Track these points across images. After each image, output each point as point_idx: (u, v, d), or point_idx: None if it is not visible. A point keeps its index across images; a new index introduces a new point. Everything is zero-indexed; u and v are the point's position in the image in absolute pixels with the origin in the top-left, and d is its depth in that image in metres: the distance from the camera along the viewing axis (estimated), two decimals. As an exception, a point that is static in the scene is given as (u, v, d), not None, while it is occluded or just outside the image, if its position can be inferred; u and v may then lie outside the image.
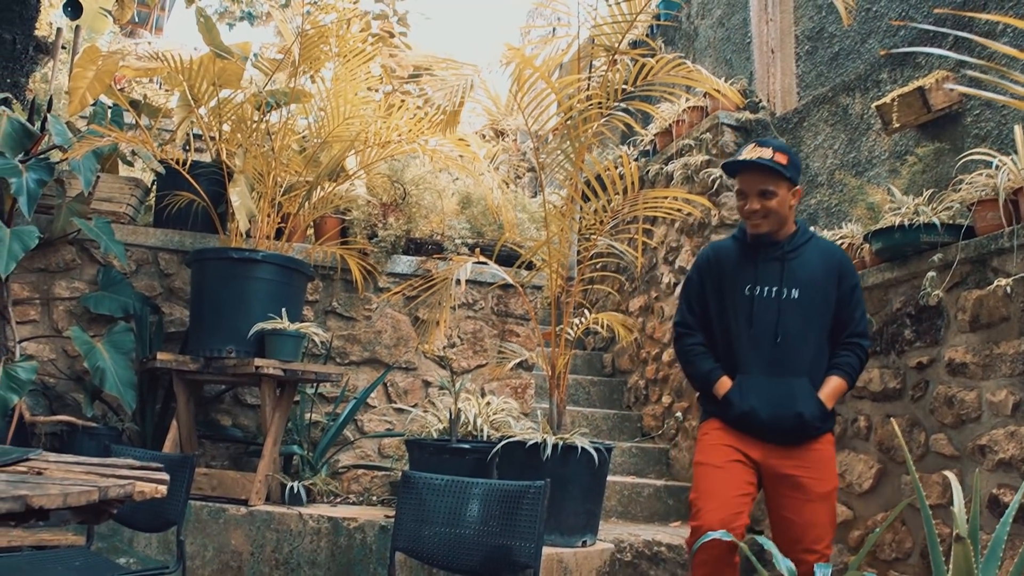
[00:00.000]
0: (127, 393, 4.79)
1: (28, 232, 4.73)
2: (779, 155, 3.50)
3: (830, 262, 3.60)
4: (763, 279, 3.57)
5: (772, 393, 3.48)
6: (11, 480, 2.01)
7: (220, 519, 4.55)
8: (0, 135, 4.83)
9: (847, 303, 3.57)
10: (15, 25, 6.60)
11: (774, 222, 3.55)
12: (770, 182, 3.50)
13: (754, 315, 3.55)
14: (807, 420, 3.44)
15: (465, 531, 3.31)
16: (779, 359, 3.50)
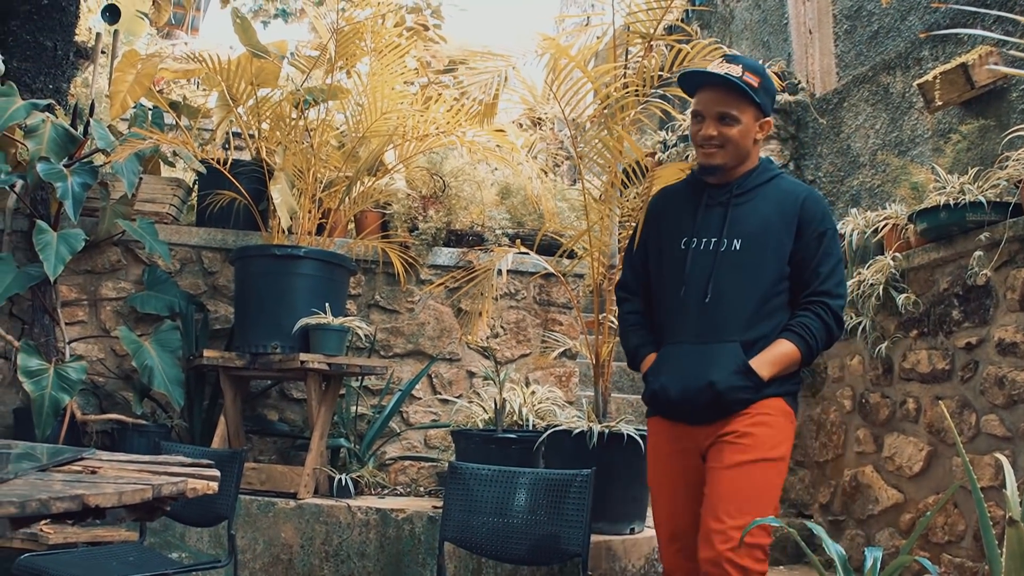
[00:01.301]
0: (175, 391, 4.86)
1: (74, 235, 4.80)
2: (750, 75, 2.82)
3: (788, 206, 2.87)
4: (702, 229, 2.92)
5: (689, 363, 2.83)
6: (67, 480, 2.05)
7: (270, 513, 4.60)
8: (45, 141, 4.91)
9: (810, 254, 2.84)
10: (55, 32, 6.69)
11: (731, 155, 2.88)
12: (733, 104, 2.83)
13: (686, 273, 2.90)
14: (721, 392, 2.74)
15: (513, 520, 3.33)
16: (709, 323, 2.83)
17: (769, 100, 2.91)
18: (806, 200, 2.88)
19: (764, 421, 2.77)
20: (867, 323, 4.65)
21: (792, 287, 2.88)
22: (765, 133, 2.95)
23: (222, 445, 4.89)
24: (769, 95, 2.91)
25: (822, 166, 5.96)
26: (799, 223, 2.85)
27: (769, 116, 2.93)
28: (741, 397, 2.76)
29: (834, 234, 2.88)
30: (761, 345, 2.80)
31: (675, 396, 2.82)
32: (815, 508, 5.08)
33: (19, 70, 6.18)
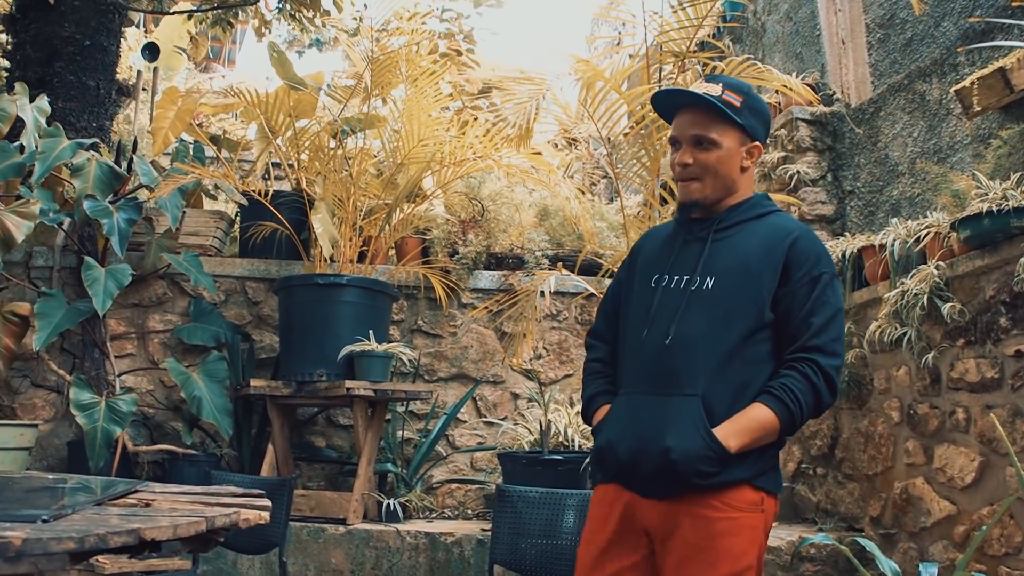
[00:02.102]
0: (223, 420, 4.92)
1: (121, 270, 4.90)
2: (731, 93, 2.42)
3: (776, 243, 2.39)
4: (676, 265, 2.47)
5: (643, 419, 2.32)
6: (123, 513, 2.08)
7: (320, 539, 4.64)
8: (91, 179, 5.01)
9: (799, 302, 2.33)
10: (98, 71, 6.83)
11: (711, 185, 2.43)
12: (710, 126, 2.40)
13: (651, 313, 2.43)
14: (675, 461, 2.20)
15: (562, 542, 3.33)
16: (668, 371, 2.33)
17: (758, 122, 2.47)
18: (798, 239, 2.38)
19: (729, 529, 2.22)
20: (912, 333, 4.61)
21: (776, 339, 2.35)
22: (755, 160, 2.48)
23: (271, 472, 4.93)
24: (757, 116, 2.47)
25: (860, 176, 5.92)
26: (786, 264, 2.36)
27: (759, 140, 2.47)
28: (701, 470, 2.20)
29: (832, 281, 2.37)
30: (728, 404, 2.27)
31: (623, 456, 2.31)
32: (865, 522, 5.02)
33: (64, 110, 6.31)
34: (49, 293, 5.01)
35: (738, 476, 2.23)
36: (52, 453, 5.32)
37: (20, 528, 1.74)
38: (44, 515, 1.85)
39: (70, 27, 6.71)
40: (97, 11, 6.81)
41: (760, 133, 2.48)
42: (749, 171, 2.49)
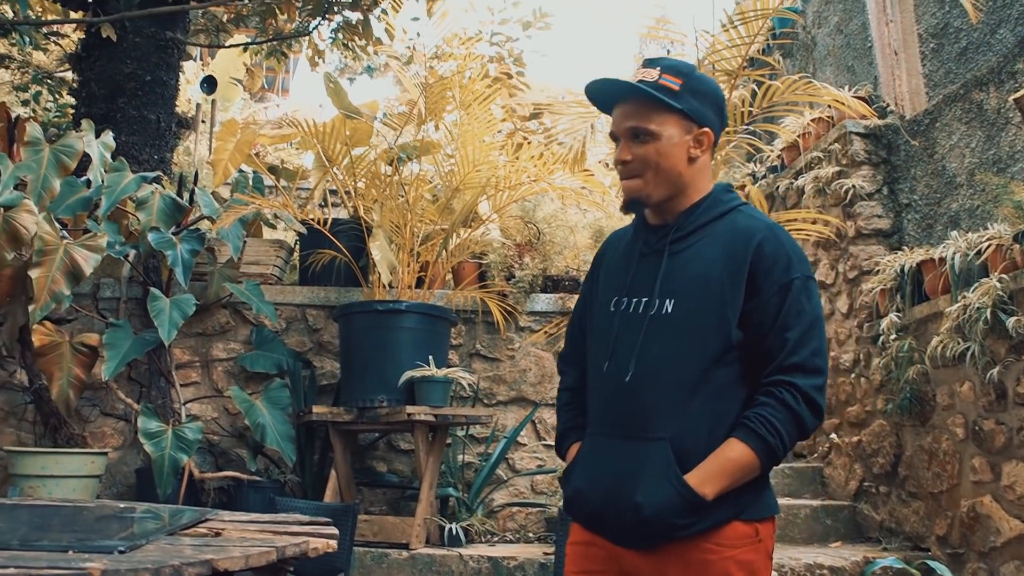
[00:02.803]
0: (287, 447, 5.00)
1: (186, 300, 5.01)
2: (669, 76, 2.12)
3: (739, 248, 2.08)
4: (634, 285, 2.18)
5: (610, 467, 2.11)
6: (196, 544, 2.12)
7: (383, 563, 4.68)
8: (155, 211, 5.14)
9: (770, 315, 2.03)
10: (158, 105, 7.02)
11: (654, 182, 2.13)
12: (649, 116, 2.11)
13: (612, 343, 2.17)
14: (647, 518, 1.98)
15: None
16: (632, 411, 2.09)
17: (705, 105, 2.15)
18: (762, 243, 2.07)
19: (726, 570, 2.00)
20: (976, 348, 4.54)
21: (747, 359, 2.07)
22: (707, 148, 2.15)
23: (334, 498, 4.99)
24: (704, 98, 2.15)
25: (917, 189, 5.86)
26: (751, 272, 2.05)
27: (708, 126, 2.14)
28: (677, 523, 1.98)
29: (806, 285, 2.06)
30: (705, 440, 2.03)
31: (593, 508, 2.12)
32: (932, 541, 4.94)
33: (127, 143, 6.49)
34: (117, 324, 5.14)
35: (723, 516, 2.01)
36: (121, 480, 5.44)
37: (98, 559, 1.78)
38: (120, 546, 1.89)
39: (132, 64, 6.90)
40: (157, 47, 7.00)
41: (709, 117, 2.15)
42: (702, 162, 2.15)
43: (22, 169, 5.06)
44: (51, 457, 4.86)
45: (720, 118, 2.19)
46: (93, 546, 1.91)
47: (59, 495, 4.74)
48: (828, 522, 5.60)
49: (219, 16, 8.42)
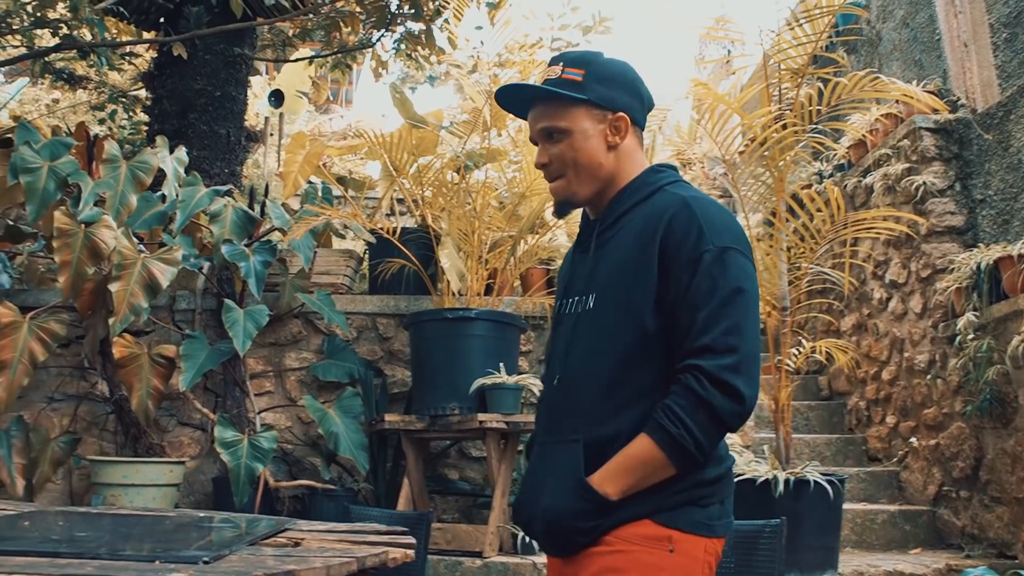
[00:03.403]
0: (360, 455, 5.05)
1: (259, 311, 5.10)
2: (572, 69, 2.02)
3: (651, 231, 1.91)
4: (571, 286, 2.10)
5: (533, 472, 2.07)
6: (277, 554, 2.15)
7: (457, 572, 4.69)
8: (227, 224, 5.24)
9: (681, 293, 1.85)
10: (228, 120, 7.16)
11: (579, 179, 2.03)
12: (557, 115, 2.02)
13: (553, 347, 2.14)
14: (551, 521, 1.92)
15: None
16: (556, 415, 2.01)
17: (615, 89, 2.03)
18: (673, 216, 1.88)
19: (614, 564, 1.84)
20: (1059, 347, 4.44)
21: (669, 347, 1.88)
22: (625, 133, 2.02)
23: (407, 506, 5.02)
24: (611, 83, 2.04)
25: (992, 184, 5.73)
26: (662, 251, 1.88)
27: (622, 110, 2.02)
28: (578, 527, 1.87)
29: (722, 257, 1.85)
30: (620, 444, 1.87)
31: (523, 519, 2.05)
32: (1019, 548, 4.82)
33: (198, 158, 6.63)
34: (192, 335, 5.24)
35: (630, 514, 1.85)
36: (199, 489, 5.54)
37: (184, 569, 1.81)
38: (205, 556, 1.92)
39: (202, 80, 7.05)
40: (226, 63, 7.15)
41: (621, 100, 2.03)
42: (625, 147, 2.04)
43: (101, 186, 5.19)
44: (132, 466, 4.97)
45: (637, 98, 2.07)
46: (178, 556, 1.95)
47: (140, 503, 4.84)
48: (907, 528, 5.50)
49: (285, 31, 8.56)
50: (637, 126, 2.06)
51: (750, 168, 4.55)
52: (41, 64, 7.61)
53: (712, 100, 4.31)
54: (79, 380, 5.65)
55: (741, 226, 1.91)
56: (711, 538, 1.85)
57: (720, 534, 1.87)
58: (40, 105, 11.40)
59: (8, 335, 4.90)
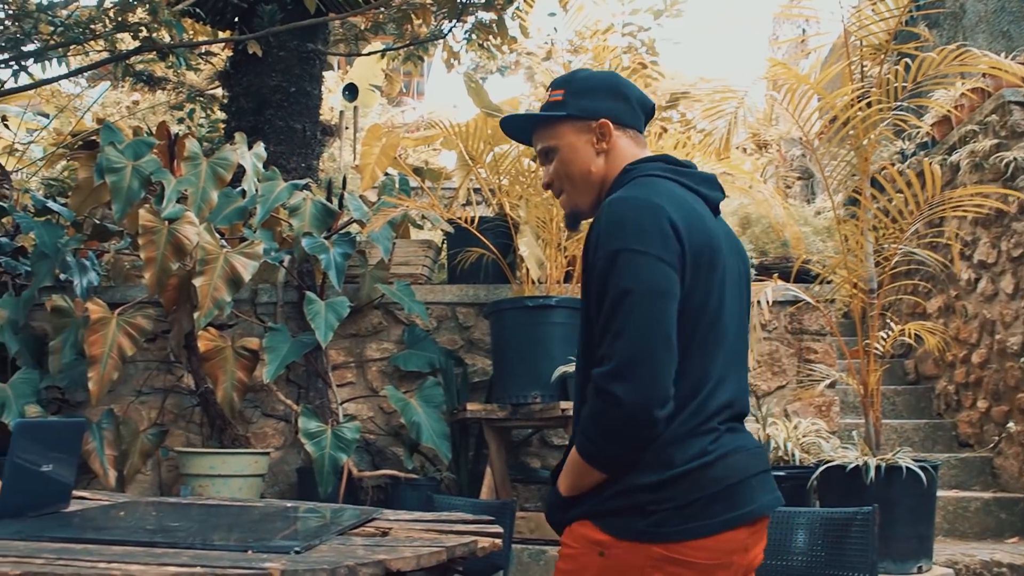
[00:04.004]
0: (442, 444, 5.06)
1: (340, 303, 5.15)
2: (554, 92, 2.13)
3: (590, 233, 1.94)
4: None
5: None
6: (367, 544, 2.14)
7: (541, 560, 4.68)
8: (307, 217, 5.29)
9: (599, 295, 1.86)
10: (303, 115, 7.23)
11: (576, 191, 2.11)
12: (546, 136, 2.12)
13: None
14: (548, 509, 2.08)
15: (791, 562, 3.23)
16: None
17: (593, 99, 2.09)
18: (594, 222, 1.93)
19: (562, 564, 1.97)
20: None
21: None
22: (609, 138, 2.07)
23: (490, 495, 5.02)
24: (589, 94, 2.09)
25: (1089, 160, 5.52)
26: (589, 249, 1.91)
27: (602, 116, 2.06)
28: (552, 519, 2.04)
29: (615, 260, 1.82)
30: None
31: None
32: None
33: (275, 153, 6.69)
34: (275, 328, 5.31)
35: (576, 512, 1.93)
36: (283, 479, 5.61)
37: (277, 559, 1.81)
38: (296, 546, 1.93)
39: (277, 76, 7.12)
40: (300, 59, 7.21)
41: (601, 107, 2.08)
42: (613, 151, 2.08)
43: (183, 183, 5.28)
44: (218, 457, 5.05)
45: (621, 100, 2.11)
46: (271, 546, 1.96)
47: (226, 493, 4.92)
48: (1002, 516, 5.33)
49: (357, 25, 8.61)
50: (626, 126, 2.10)
51: (830, 148, 4.44)
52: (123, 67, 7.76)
53: (792, 80, 4.21)
54: (165, 374, 5.76)
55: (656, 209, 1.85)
56: (661, 543, 1.81)
57: (678, 538, 1.81)
58: (120, 108, 11.66)
59: (98, 330, 5.01)
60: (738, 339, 2.00)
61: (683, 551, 1.80)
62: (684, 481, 1.83)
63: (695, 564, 1.80)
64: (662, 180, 1.97)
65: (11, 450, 2.27)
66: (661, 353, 1.77)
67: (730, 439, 1.90)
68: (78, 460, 2.67)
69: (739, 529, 1.85)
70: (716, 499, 1.83)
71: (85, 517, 2.41)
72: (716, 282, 1.90)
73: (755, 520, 1.90)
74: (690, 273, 1.84)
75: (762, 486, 1.95)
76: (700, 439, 1.85)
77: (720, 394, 1.90)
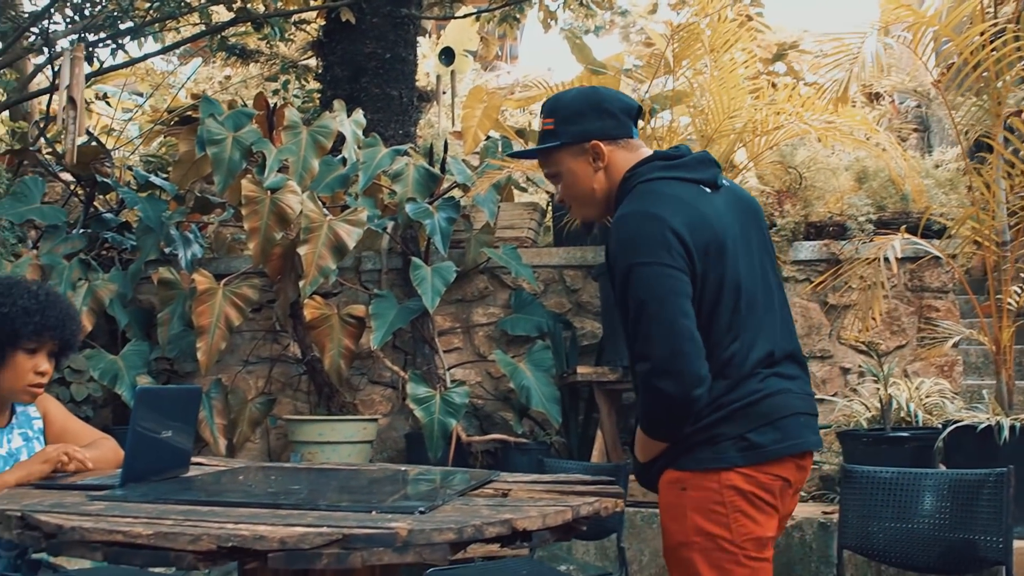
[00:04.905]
0: (552, 408, 5.00)
1: (446, 268, 5.10)
2: (545, 121, 2.37)
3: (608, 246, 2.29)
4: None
5: None
6: (491, 504, 2.10)
7: (654, 524, 4.60)
8: (410, 183, 5.26)
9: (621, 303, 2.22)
10: (399, 82, 7.20)
11: (584, 206, 2.43)
12: (548, 162, 2.42)
13: None
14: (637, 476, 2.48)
15: (918, 526, 3.16)
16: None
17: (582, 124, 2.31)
18: (613, 228, 2.23)
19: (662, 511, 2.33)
20: None
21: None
22: (606, 157, 2.31)
23: (600, 458, 4.95)
24: (577, 120, 2.31)
25: None
26: (609, 263, 2.27)
27: (592, 139, 2.30)
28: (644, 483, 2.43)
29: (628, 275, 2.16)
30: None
31: None
32: None
33: (372, 121, 6.67)
34: (381, 294, 5.29)
35: (658, 467, 2.30)
36: (391, 446, 5.62)
37: (402, 519, 1.79)
38: (421, 507, 1.90)
39: (372, 44, 7.10)
40: (394, 25, 7.17)
41: (590, 130, 2.31)
42: (610, 165, 2.33)
43: (284, 152, 5.29)
44: (327, 424, 5.08)
45: (608, 116, 2.32)
46: (395, 507, 1.94)
47: (336, 460, 4.95)
48: None
49: (451, -13, 8.55)
50: (617, 139, 2.32)
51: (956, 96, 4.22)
52: (218, 40, 7.83)
53: (917, 22, 3.99)
54: (272, 343, 5.81)
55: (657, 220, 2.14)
56: (727, 470, 2.17)
57: (741, 464, 2.17)
58: (213, 83, 11.81)
59: (205, 301, 5.07)
60: (765, 294, 2.25)
61: (745, 475, 2.17)
62: (738, 417, 2.17)
63: (761, 483, 2.17)
64: (660, 182, 2.23)
65: (132, 416, 2.29)
66: (687, 345, 2.09)
67: (776, 382, 2.22)
68: (195, 427, 2.69)
69: (787, 459, 2.20)
70: (766, 431, 2.18)
71: (206, 481, 2.43)
72: (728, 263, 2.17)
73: (802, 453, 2.24)
74: (700, 266, 2.14)
75: (808, 426, 2.27)
76: (747, 383, 2.18)
77: (757, 350, 2.20)
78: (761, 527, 2.19)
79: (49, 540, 1.75)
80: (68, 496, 2.13)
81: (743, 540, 2.17)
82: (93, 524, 1.71)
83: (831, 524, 4.33)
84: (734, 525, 2.17)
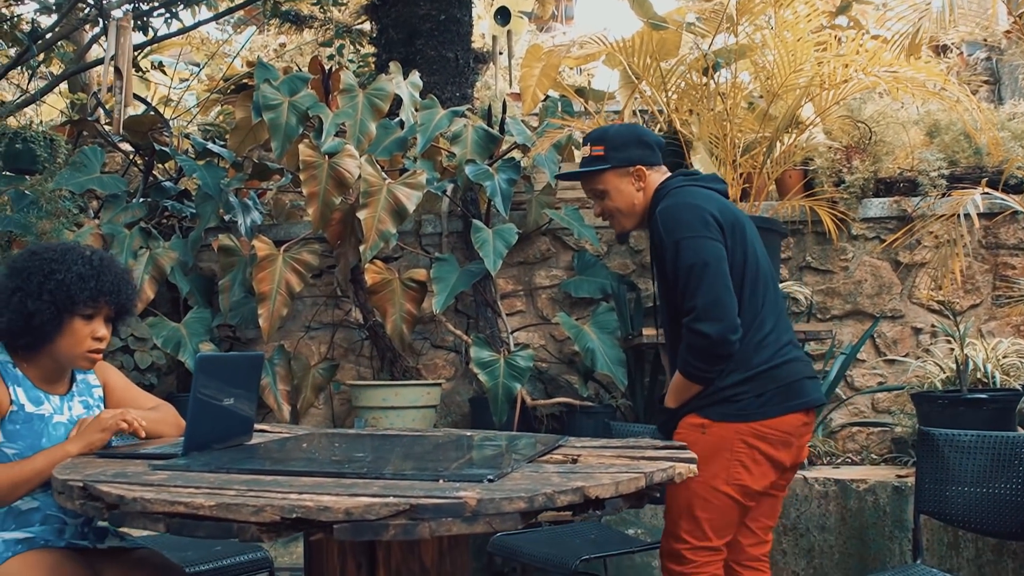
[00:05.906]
0: (617, 371, 4.93)
1: (507, 230, 5.03)
2: (594, 148, 2.96)
3: (653, 234, 2.87)
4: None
5: None
6: (561, 471, 2.06)
7: (722, 489, 4.53)
8: (469, 145, 5.19)
9: (673, 274, 2.75)
10: (455, 43, 7.10)
11: (623, 219, 3.02)
12: (595, 182, 2.98)
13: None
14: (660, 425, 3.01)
15: (998, 490, 3.10)
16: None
17: (627, 151, 2.93)
18: (655, 221, 2.83)
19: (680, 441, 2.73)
20: None
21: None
22: (647, 178, 2.94)
23: (667, 422, 4.88)
24: (624, 147, 2.93)
25: None
26: (661, 240, 2.79)
27: (636, 163, 2.92)
28: (664, 430, 2.93)
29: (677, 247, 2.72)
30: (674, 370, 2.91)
31: None
32: None
33: (429, 83, 6.61)
34: (442, 258, 5.25)
35: (684, 410, 2.82)
36: (455, 410, 5.60)
37: (471, 487, 1.76)
38: (489, 475, 1.86)
39: (426, 5, 7.00)
40: (448, -15, 7.06)
41: (635, 155, 2.92)
42: (648, 185, 2.94)
43: (340, 116, 5.25)
44: (390, 390, 5.06)
45: (646, 147, 2.96)
46: (463, 475, 1.90)
47: (400, 425, 4.94)
48: None
49: (506, -55, 8.40)
50: (653, 165, 2.96)
51: None
52: (271, 6, 7.79)
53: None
54: (333, 308, 5.80)
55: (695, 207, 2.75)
56: (746, 422, 2.71)
57: (758, 418, 2.71)
58: (268, 51, 11.80)
59: (265, 267, 5.06)
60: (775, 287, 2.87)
61: (760, 428, 2.71)
62: (760, 378, 2.71)
63: (767, 437, 2.72)
64: (688, 187, 2.86)
65: (194, 384, 2.28)
66: (726, 296, 2.64)
67: (790, 349, 2.80)
68: (257, 393, 2.68)
69: (798, 414, 2.76)
70: (781, 391, 2.72)
71: (269, 449, 2.42)
72: (749, 246, 2.78)
73: (809, 409, 2.80)
74: (729, 241, 2.72)
75: (813, 385, 2.82)
76: (768, 349, 2.73)
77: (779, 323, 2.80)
78: (753, 477, 2.73)
79: (111, 511, 1.73)
80: (130, 465, 2.13)
81: (734, 483, 2.72)
82: (155, 495, 1.69)
83: (905, 488, 4.24)
84: (732, 470, 2.72)
